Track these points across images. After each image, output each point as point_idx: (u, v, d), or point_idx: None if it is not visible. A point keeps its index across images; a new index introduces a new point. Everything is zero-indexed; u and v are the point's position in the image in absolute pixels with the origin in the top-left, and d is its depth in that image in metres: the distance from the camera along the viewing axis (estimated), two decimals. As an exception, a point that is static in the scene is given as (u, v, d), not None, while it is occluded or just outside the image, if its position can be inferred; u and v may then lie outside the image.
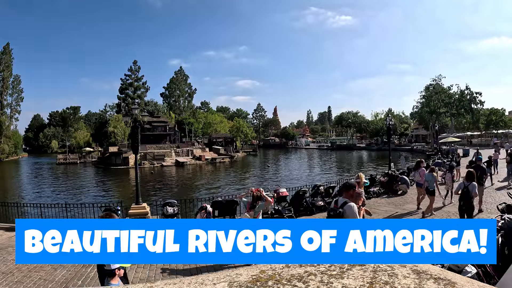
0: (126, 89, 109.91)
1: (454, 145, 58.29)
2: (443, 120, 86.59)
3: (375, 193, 19.74)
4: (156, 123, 76.72)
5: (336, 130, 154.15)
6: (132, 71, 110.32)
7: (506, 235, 5.83)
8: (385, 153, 55.58)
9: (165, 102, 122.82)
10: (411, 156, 66.75)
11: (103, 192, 34.21)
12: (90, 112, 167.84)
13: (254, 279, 1.72)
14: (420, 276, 1.60)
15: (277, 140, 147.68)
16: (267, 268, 1.86)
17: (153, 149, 64.31)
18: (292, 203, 16.20)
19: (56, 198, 29.09)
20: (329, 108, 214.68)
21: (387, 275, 1.63)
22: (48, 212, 15.61)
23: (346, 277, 1.64)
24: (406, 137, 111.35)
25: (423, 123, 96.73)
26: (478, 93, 76.83)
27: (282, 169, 54.60)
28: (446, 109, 78.15)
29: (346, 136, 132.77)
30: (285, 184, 30.83)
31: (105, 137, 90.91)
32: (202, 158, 65.85)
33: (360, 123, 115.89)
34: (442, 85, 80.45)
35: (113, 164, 60.81)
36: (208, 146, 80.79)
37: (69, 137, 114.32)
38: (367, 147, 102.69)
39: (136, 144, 15.89)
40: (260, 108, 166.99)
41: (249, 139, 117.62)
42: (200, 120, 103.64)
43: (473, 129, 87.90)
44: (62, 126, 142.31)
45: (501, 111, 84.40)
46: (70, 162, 74.55)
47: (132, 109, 16.99)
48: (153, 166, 58.03)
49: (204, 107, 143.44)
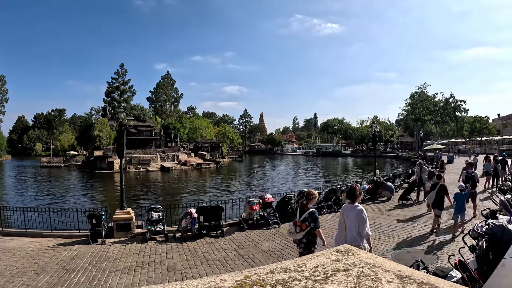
0: (113, 92, 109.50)
1: (439, 152, 59.09)
2: (427, 127, 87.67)
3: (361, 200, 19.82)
4: (142, 127, 76.19)
5: (322, 137, 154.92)
6: (118, 74, 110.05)
7: (490, 240, 5.90)
8: (370, 159, 55.88)
9: (151, 106, 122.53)
10: (396, 163, 67.45)
11: (87, 197, 33.77)
12: (75, 115, 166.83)
13: (238, 284, 1.71)
14: (404, 281, 1.60)
15: (263, 146, 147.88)
16: (252, 274, 1.86)
17: (139, 153, 63.79)
18: (278, 209, 16.18)
19: (39, 202, 28.68)
20: (315, 115, 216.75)
21: (371, 280, 1.63)
22: (31, 216, 15.38)
23: (330, 282, 1.64)
24: (392, 144, 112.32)
25: (408, 130, 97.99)
26: (462, 101, 78.07)
27: (268, 175, 54.60)
28: (431, 116, 79.14)
29: (332, 143, 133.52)
30: (271, 190, 30.86)
31: (90, 140, 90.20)
32: (188, 164, 65.50)
33: (345, 130, 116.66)
34: (427, 93, 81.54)
35: (98, 168, 60.17)
36: (193, 152, 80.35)
37: (54, 140, 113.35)
38: (353, 154, 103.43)
39: (121, 148, 15.76)
40: (246, 114, 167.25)
41: (235, 145, 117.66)
42: (186, 125, 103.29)
43: (458, 136, 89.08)
44: (47, 128, 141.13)
45: (485, 119, 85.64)
46: (54, 166, 73.64)
47: (118, 112, 16.86)
48: (138, 171, 57.54)
49: (190, 112, 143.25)
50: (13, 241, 13.16)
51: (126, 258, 11.06)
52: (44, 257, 11.11)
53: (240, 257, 10.92)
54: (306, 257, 2.10)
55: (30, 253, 11.65)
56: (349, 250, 2.15)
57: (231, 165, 77.13)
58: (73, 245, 12.71)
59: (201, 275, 9.25)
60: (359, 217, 6.82)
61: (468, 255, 6.86)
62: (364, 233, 6.83)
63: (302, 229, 7.83)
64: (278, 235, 13.62)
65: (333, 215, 16.98)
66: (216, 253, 11.49)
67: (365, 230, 6.82)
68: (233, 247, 12.12)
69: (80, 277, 9.33)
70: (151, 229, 13.56)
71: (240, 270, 1.98)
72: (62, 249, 12.20)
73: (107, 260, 10.80)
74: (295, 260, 2.04)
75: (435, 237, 11.75)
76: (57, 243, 12.91)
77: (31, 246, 12.49)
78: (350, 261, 1.96)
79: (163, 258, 11.08)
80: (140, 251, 11.83)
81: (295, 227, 7.94)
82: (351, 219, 6.91)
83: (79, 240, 13.31)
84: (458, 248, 7.11)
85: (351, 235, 6.87)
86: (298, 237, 7.94)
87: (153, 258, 11.08)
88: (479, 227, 6.76)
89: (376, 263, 1.90)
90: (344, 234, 7.00)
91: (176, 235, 13.93)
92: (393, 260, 8.53)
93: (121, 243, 12.93)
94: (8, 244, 12.80)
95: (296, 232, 7.92)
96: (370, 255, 2.10)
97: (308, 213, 7.84)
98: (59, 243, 12.91)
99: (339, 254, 2.09)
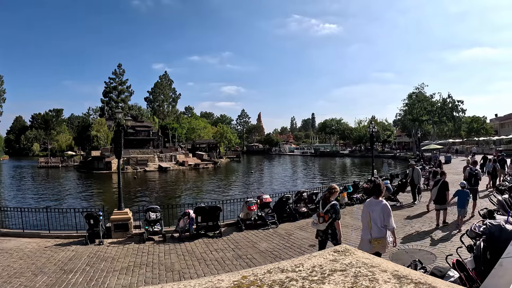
0: (110, 92, 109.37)
1: (437, 152, 59.23)
2: (425, 127, 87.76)
3: (358, 200, 19.88)
4: (140, 127, 76.04)
5: (320, 137, 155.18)
6: (116, 74, 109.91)
7: (488, 240, 5.92)
8: (368, 160, 56.05)
9: (149, 106, 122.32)
10: (393, 163, 67.55)
11: (85, 197, 33.71)
12: (73, 115, 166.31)
13: (235, 284, 1.70)
14: (401, 281, 1.60)
15: (261, 146, 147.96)
16: (249, 274, 1.85)
17: (136, 154, 63.73)
18: (276, 209, 16.18)
19: (37, 203, 28.63)
20: (313, 115, 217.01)
21: (368, 280, 1.63)
22: (28, 217, 15.34)
23: (328, 283, 1.64)
24: (389, 144, 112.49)
25: (405, 130, 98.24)
26: (460, 101, 78.18)
27: (266, 175, 54.61)
28: (429, 116, 79.27)
29: (330, 143, 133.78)
30: (269, 190, 30.83)
31: (88, 141, 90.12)
32: (185, 164, 65.49)
33: (343, 130, 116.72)
34: (425, 93, 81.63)
35: (96, 168, 60.12)
36: (191, 152, 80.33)
37: (51, 140, 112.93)
38: (350, 154, 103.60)
39: (119, 149, 15.73)
40: (244, 114, 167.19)
41: (233, 145, 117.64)
42: (183, 125, 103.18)
43: (455, 136, 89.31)
44: (44, 128, 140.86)
45: (482, 119, 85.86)
46: (51, 166, 73.61)
47: (115, 113, 16.81)
48: (136, 171, 57.46)
49: (188, 112, 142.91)
50: (10, 242, 13.13)
51: (124, 258, 11.04)
52: (42, 258, 11.09)
53: (238, 258, 10.91)
54: (303, 257, 2.10)
55: (27, 253, 11.63)
56: (347, 250, 2.14)
57: (229, 165, 77.14)
58: (71, 245, 12.68)
59: (199, 276, 9.25)
60: (384, 211, 7.43)
61: (466, 255, 6.87)
62: (390, 226, 7.46)
63: (325, 220, 8.50)
64: (276, 235, 13.62)
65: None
66: (214, 253, 11.48)
67: (390, 222, 7.44)
68: (231, 248, 12.11)
69: (78, 277, 9.31)
70: (149, 230, 13.54)
71: (238, 270, 1.98)
72: (60, 249, 12.17)
73: (105, 261, 10.78)
74: (292, 260, 2.03)
75: (433, 237, 11.78)
76: (55, 244, 12.88)
77: (29, 247, 12.47)
78: (347, 261, 1.96)
79: (161, 258, 11.07)
80: (138, 252, 11.82)
81: (319, 218, 8.66)
82: (376, 213, 7.50)
83: (76, 241, 13.29)
84: (455, 248, 7.12)
85: (376, 227, 7.46)
86: (322, 228, 8.62)
87: (151, 258, 11.07)
88: (476, 227, 6.77)
89: (374, 263, 1.90)
90: (369, 227, 7.53)
91: (174, 236, 13.91)
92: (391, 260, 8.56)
93: (119, 244, 12.92)
94: (6, 244, 12.77)
95: (319, 223, 8.63)
96: (367, 255, 2.10)
97: (331, 205, 8.48)
98: (57, 244, 12.89)
99: (337, 254, 2.08)
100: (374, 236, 7.44)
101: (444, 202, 13.55)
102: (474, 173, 16.08)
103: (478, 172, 16.51)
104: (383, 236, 7.43)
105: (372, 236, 7.46)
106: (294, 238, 13.08)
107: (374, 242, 7.43)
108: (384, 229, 7.46)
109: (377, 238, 7.43)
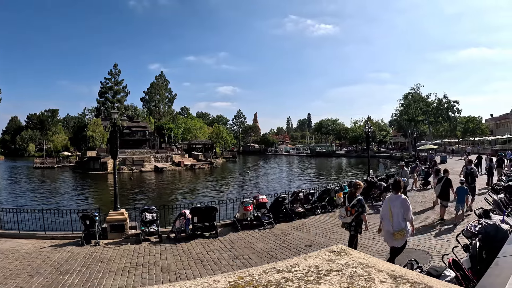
0: (106, 92, 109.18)
1: (433, 152, 59.46)
2: (421, 127, 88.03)
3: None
4: (136, 128, 75.85)
5: (316, 137, 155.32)
6: (112, 74, 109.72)
7: (484, 239, 5.93)
8: (364, 160, 56.10)
9: (145, 106, 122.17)
10: (389, 163, 67.70)
11: (80, 198, 33.59)
12: (68, 115, 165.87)
13: (231, 285, 1.70)
14: (397, 281, 1.60)
15: (257, 146, 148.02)
16: (245, 275, 1.85)
17: (132, 154, 63.53)
18: (272, 209, 16.18)
19: (33, 203, 28.51)
20: (309, 115, 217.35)
21: (364, 280, 1.63)
22: (24, 218, 15.27)
23: (323, 283, 1.64)
24: (385, 145, 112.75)
25: (401, 130, 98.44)
26: (455, 101, 78.41)
27: (262, 176, 54.60)
28: (424, 117, 79.44)
29: (326, 143, 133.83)
30: (265, 191, 30.84)
31: (84, 141, 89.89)
32: (181, 164, 65.40)
33: (339, 130, 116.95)
34: (421, 93, 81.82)
35: (91, 169, 59.85)
36: (187, 152, 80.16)
37: (47, 141, 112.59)
38: (346, 154, 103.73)
39: (115, 149, 15.68)
40: (240, 115, 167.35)
41: (229, 145, 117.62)
42: (179, 126, 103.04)
43: (451, 136, 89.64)
44: (40, 129, 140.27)
45: (478, 119, 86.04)
46: (47, 166, 73.28)
47: (111, 113, 16.76)
48: (132, 172, 57.27)
49: (184, 113, 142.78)
50: (6, 243, 13.06)
51: (120, 259, 11.01)
52: (38, 259, 11.05)
53: (234, 258, 10.90)
54: (299, 257, 2.10)
55: (23, 254, 11.57)
56: (342, 251, 2.15)
57: (224, 166, 77.08)
58: (67, 246, 12.65)
59: (195, 276, 9.23)
60: (404, 205, 8.13)
61: (462, 254, 6.88)
62: (409, 218, 8.17)
63: (352, 213, 9.32)
64: (272, 236, 13.61)
65: (327, 215, 17.01)
66: (210, 253, 11.47)
67: (409, 214, 8.17)
68: (227, 248, 12.10)
69: (74, 278, 9.27)
70: (145, 230, 13.51)
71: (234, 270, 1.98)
72: (56, 250, 12.13)
73: (101, 262, 10.75)
74: (288, 261, 2.03)
75: (429, 237, 11.80)
76: (51, 245, 12.83)
77: (25, 248, 12.41)
78: (343, 261, 1.96)
79: (157, 259, 11.05)
80: (134, 252, 11.79)
81: (346, 211, 9.42)
82: (396, 207, 8.19)
83: (72, 242, 13.24)
84: (451, 247, 7.13)
85: (397, 220, 8.14)
86: (348, 221, 9.43)
87: (147, 259, 11.05)
88: (472, 227, 6.79)
89: (369, 263, 1.90)
90: (391, 219, 8.21)
91: (170, 236, 13.89)
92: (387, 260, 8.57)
93: (115, 244, 12.88)
94: (1, 246, 12.71)
95: (347, 216, 9.39)
96: (363, 255, 2.10)
97: (357, 200, 9.38)
98: (53, 245, 12.84)
99: (332, 255, 2.08)
100: (395, 228, 8.13)
101: (447, 198, 14.67)
102: (470, 171, 16.75)
103: (474, 170, 17.22)
104: (403, 228, 8.10)
105: (394, 228, 8.14)
106: (290, 239, 13.07)
107: (396, 234, 8.12)
108: (404, 221, 8.13)
109: (398, 230, 8.10)
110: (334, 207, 18.50)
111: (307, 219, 16.37)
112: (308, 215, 17.04)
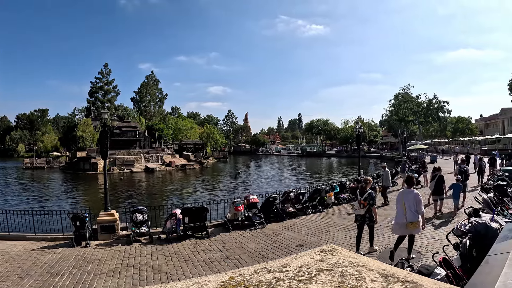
0: (96, 92, 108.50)
1: (423, 152, 59.90)
2: (411, 128, 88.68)
3: (345, 199, 20.00)
4: (126, 128, 75.45)
5: (306, 137, 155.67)
6: (102, 74, 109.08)
7: (474, 238, 5.97)
8: (354, 160, 56.31)
9: (136, 106, 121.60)
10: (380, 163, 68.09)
11: (71, 199, 33.36)
12: (58, 115, 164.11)
13: (222, 285, 1.70)
14: (388, 280, 1.61)
15: (248, 146, 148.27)
16: (236, 275, 1.85)
17: (123, 154, 63.27)
18: (263, 209, 16.20)
19: (22, 205, 28.25)
20: (300, 116, 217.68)
21: (355, 279, 1.63)
22: (14, 219, 15.11)
23: (314, 282, 1.64)
24: (376, 145, 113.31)
25: (392, 130, 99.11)
26: (445, 102, 79.20)
27: (253, 176, 54.63)
28: (414, 117, 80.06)
29: (316, 143, 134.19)
30: (256, 191, 30.85)
31: (74, 141, 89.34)
32: (172, 165, 65.26)
33: (330, 131, 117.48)
34: (411, 94, 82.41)
35: (81, 169, 59.49)
36: (178, 152, 79.96)
37: (37, 141, 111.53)
38: (337, 154, 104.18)
39: (105, 149, 15.61)
40: (231, 115, 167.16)
41: (220, 145, 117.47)
42: (170, 126, 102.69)
43: (441, 136, 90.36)
44: (30, 129, 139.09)
45: (467, 119, 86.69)
46: (37, 167, 72.77)
47: (101, 113, 16.64)
48: (123, 172, 57.05)
49: (174, 113, 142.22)
50: (-6, 245, 12.93)
51: (111, 260, 10.95)
52: (28, 261, 10.95)
53: (225, 258, 10.89)
54: (290, 257, 2.10)
55: (13, 256, 11.46)
56: (333, 250, 2.15)
57: (215, 166, 77.04)
58: (57, 248, 12.55)
59: (187, 277, 9.21)
60: (416, 199, 9.02)
61: (452, 253, 6.93)
62: (421, 211, 9.07)
63: (364, 206, 10.31)
64: (263, 236, 13.62)
65: (318, 215, 17.05)
66: (202, 254, 11.44)
67: (421, 208, 9.09)
68: (218, 248, 12.09)
69: (64, 280, 9.20)
70: (136, 231, 13.46)
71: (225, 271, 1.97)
72: (46, 252, 12.02)
73: (92, 263, 10.68)
74: (279, 261, 2.03)
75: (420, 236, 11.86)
76: (41, 246, 12.72)
77: (15, 250, 12.28)
78: (334, 260, 1.96)
79: (148, 260, 11.00)
80: (125, 253, 11.73)
81: (359, 204, 10.40)
82: (409, 200, 9.03)
83: (63, 243, 13.14)
84: (442, 246, 7.18)
85: (410, 213, 8.96)
86: (361, 213, 10.40)
87: (138, 260, 11.00)
88: (462, 225, 6.83)
89: (360, 262, 1.91)
90: (405, 212, 9.01)
91: (161, 237, 13.84)
92: (378, 259, 8.61)
93: (106, 246, 12.81)
94: (-10, 247, 12.58)
95: (360, 209, 10.38)
96: (354, 255, 2.10)
97: (368, 194, 10.37)
98: (43, 246, 12.73)
99: (323, 254, 2.09)
100: (409, 220, 8.95)
101: (441, 193, 15.59)
102: (463, 170, 18.08)
103: (466, 169, 18.60)
104: (416, 220, 8.97)
105: (407, 220, 8.96)
106: (281, 238, 13.09)
107: (410, 225, 8.98)
108: (417, 214, 8.98)
109: (412, 222, 8.95)
110: (325, 207, 18.54)
111: (298, 219, 16.39)
112: (299, 215, 17.07)
